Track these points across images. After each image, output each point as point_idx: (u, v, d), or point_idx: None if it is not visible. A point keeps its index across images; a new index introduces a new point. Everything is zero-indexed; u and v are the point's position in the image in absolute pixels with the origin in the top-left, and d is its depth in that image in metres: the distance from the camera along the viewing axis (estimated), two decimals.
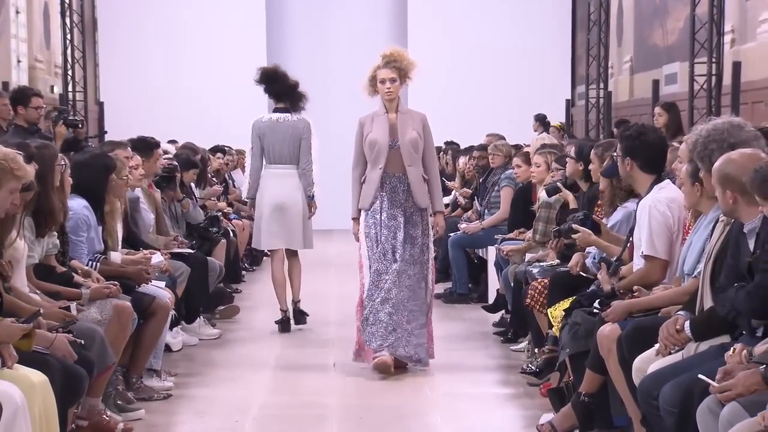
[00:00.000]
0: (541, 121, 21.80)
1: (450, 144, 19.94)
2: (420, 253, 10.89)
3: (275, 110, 13.28)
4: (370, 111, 11.14)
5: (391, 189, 10.79)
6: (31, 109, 13.69)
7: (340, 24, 25.90)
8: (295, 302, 13.15)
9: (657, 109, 14.47)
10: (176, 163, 13.62)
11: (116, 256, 9.97)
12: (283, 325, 12.93)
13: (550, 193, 10.82)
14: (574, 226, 8.60)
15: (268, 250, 13.96)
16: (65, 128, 13.91)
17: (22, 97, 13.96)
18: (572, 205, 10.23)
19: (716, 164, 6.48)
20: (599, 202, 9.42)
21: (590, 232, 8.54)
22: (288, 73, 13.41)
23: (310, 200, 13.13)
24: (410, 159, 10.77)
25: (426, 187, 10.95)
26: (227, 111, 23.31)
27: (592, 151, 9.40)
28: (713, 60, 17.68)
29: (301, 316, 13.12)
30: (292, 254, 13.31)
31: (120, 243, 10.41)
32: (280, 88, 13.22)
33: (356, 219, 11.06)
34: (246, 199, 14.42)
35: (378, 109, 10.94)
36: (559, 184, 10.74)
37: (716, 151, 6.72)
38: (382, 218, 10.80)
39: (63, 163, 8.64)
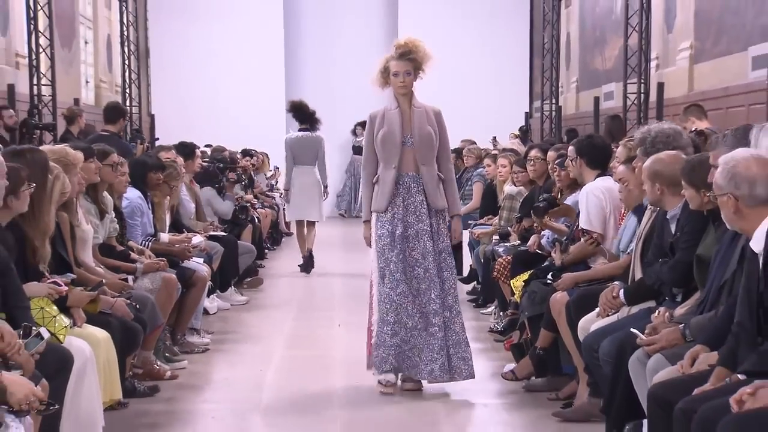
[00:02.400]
0: (523, 133, 21.98)
1: None
2: (439, 262, 8.17)
3: (300, 129, 15.53)
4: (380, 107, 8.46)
5: (406, 189, 8.16)
6: (120, 122, 14.21)
7: (341, 49, 25.90)
8: (309, 250, 15.39)
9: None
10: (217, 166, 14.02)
11: (164, 237, 10.04)
12: (304, 267, 15.30)
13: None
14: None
15: (296, 222, 15.89)
16: (142, 148, 15.69)
17: (116, 114, 14.26)
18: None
19: (647, 163, 6.51)
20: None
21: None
22: (306, 101, 15.86)
23: (324, 189, 15.78)
24: (424, 157, 8.18)
25: (441, 187, 8.31)
26: (251, 121, 23.36)
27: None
28: (642, 81, 17.69)
29: (310, 263, 15.28)
30: (310, 224, 15.53)
31: (167, 227, 10.49)
32: (303, 116, 15.54)
33: (368, 222, 8.32)
34: (284, 189, 16.59)
35: (389, 104, 8.28)
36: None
37: (662, 149, 6.77)
38: (397, 229, 8.08)
39: (118, 161, 8.72)
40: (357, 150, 22.45)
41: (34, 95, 17.40)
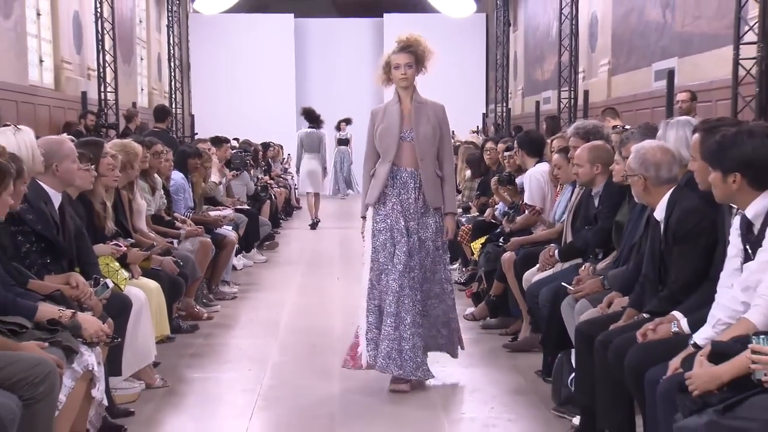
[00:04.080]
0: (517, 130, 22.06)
1: None
2: (433, 260, 6.42)
3: (309, 127, 16.86)
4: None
5: (402, 184, 6.33)
6: (167, 121, 14.49)
7: (338, 65, 25.87)
8: (316, 215, 16.88)
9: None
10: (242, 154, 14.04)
11: (202, 210, 10.06)
12: (312, 226, 16.72)
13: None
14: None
15: (306, 193, 17.37)
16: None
17: (164, 114, 14.27)
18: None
19: (586, 149, 6.51)
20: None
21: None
22: (314, 108, 17.35)
23: (323, 170, 17.16)
24: (423, 153, 6.32)
25: (439, 186, 6.44)
26: (269, 121, 23.23)
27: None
28: (572, 89, 17.75)
29: (316, 224, 16.79)
30: (315, 195, 16.88)
31: (203, 202, 10.50)
32: (311, 117, 16.88)
33: (365, 218, 6.50)
34: (294, 172, 18.67)
35: (391, 99, 6.50)
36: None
37: (591, 139, 6.79)
38: (399, 222, 6.29)
39: (162, 150, 8.73)
40: (340, 142, 22.42)
41: (101, 100, 17.53)
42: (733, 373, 3.46)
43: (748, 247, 4.02)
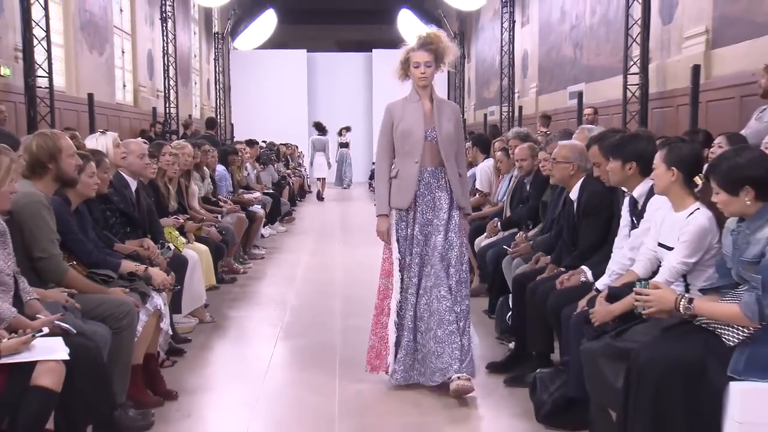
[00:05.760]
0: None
1: None
2: (450, 258, 4.52)
3: (318, 134, 18.61)
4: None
5: (426, 185, 4.58)
6: (214, 128, 14.81)
7: (339, 89, 25.70)
8: (322, 192, 18.19)
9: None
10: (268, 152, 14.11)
11: (239, 193, 10.00)
12: (319, 198, 18.09)
13: None
14: None
15: (317, 178, 18.85)
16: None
17: (212, 123, 14.44)
18: None
19: (525, 148, 6.52)
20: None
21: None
22: (321, 120, 19.25)
23: (329, 163, 18.76)
24: (447, 152, 4.58)
25: (461, 185, 4.67)
26: (288, 129, 23.07)
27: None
28: (510, 105, 17.75)
29: (322, 198, 17.92)
30: (323, 179, 18.36)
31: (239, 187, 10.47)
32: (320, 128, 18.69)
33: (383, 216, 4.62)
34: (307, 166, 19.94)
35: (409, 96, 4.70)
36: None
37: (527, 141, 6.83)
38: (414, 229, 4.56)
39: (209, 149, 8.70)
40: (341, 145, 21.76)
41: (166, 113, 17.49)
42: (623, 309, 3.49)
43: (634, 218, 4.05)
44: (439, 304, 4.42)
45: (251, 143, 12.89)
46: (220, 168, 9.48)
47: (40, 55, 10.49)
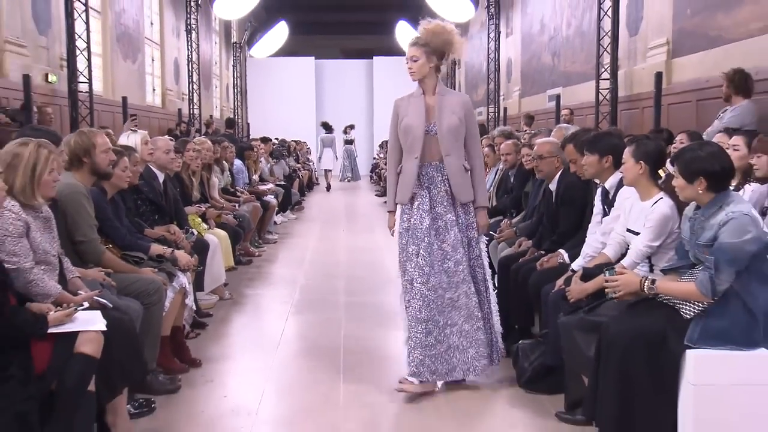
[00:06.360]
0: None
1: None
2: (469, 254, 4.00)
3: (326, 132, 18.68)
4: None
5: (429, 180, 3.96)
6: (233, 127, 14.92)
7: (343, 94, 25.63)
8: (329, 183, 18.13)
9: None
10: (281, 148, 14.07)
11: (254, 184, 9.98)
12: (327, 188, 17.96)
13: None
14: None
15: (324, 170, 18.83)
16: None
17: (231, 123, 14.41)
18: None
19: (508, 144, 6.51)
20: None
21: None
22: (328, 120, 19.26)
23: (336, 157, 19.02)
24: (448, 147, 3.92)
25: (468, 179, 3.98)
26: (298, 128, 23.05)
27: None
28: (495, 107, 17.70)
29: (329, 188, 17.79)
30: (329, 171, 18.45)
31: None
32: (327, 127, 18.78)
33: (392, 212, 4.17)
34: (316, 160, 20.13)
35: (414, 91, 4.06)
36: None
37: (507, 138, 6.82)
38: (425, 221, 3.90)
39: (227, 145, 8.67)
40: (347, 142, 21.14)
41: (190, 114, 17.47)
42: (595, 287, 3.51)
43: (605, 207, 4.06)
44: (458, 301, 3.91)
45: (265, 140, 12.88)
46: (238, 162, 9.47)
47: (81, 63, 10.69)
